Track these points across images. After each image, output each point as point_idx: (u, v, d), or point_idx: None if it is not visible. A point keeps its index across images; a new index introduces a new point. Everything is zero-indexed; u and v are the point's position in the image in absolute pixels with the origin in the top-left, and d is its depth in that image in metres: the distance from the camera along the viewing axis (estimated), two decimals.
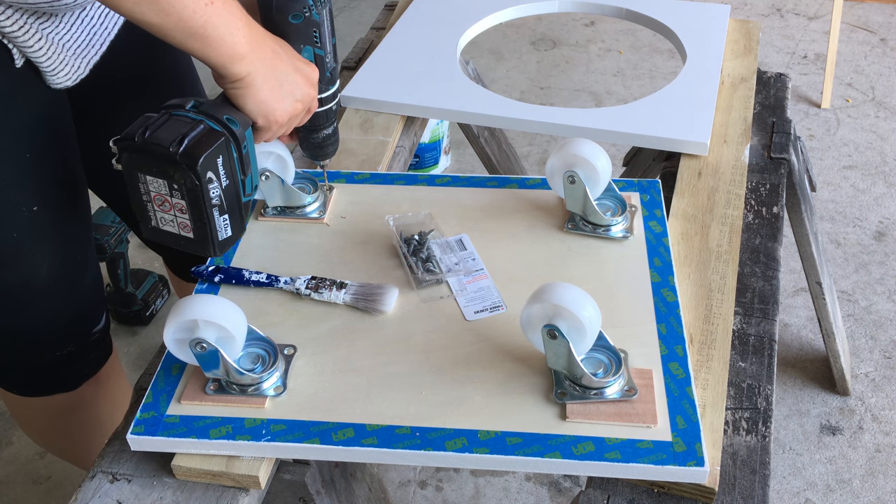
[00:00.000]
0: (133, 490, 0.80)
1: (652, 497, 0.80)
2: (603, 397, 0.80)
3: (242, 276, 0.95)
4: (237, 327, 0.79)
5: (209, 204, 0.82)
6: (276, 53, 0.85)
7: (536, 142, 2.52)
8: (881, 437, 1.68)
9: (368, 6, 3.24)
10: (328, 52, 0.93)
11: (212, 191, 0.81)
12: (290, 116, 0.88)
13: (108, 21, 1.00)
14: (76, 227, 1.05)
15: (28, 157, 0.94)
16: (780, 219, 1.10)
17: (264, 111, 0.85)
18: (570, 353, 0.78)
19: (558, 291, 0.78)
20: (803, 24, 3.05)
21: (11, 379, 1.15)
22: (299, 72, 0.88)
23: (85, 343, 1.13)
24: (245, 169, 0.85)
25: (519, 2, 1.50)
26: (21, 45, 0.88)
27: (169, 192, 0.81)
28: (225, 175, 0.82)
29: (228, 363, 0.79)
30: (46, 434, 1.28)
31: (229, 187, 0.83)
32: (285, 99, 0.86)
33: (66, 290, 1.06)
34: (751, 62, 1.36)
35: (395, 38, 1.41)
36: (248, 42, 0.81)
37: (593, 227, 1.00)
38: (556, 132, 1.21)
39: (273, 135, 0.90)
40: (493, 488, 1.62)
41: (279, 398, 0.82)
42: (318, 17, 0.90)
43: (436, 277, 0.94)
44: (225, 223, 0.85)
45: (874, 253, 2.09)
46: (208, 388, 0.83)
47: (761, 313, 0.96)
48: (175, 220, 0.84)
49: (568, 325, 0.78)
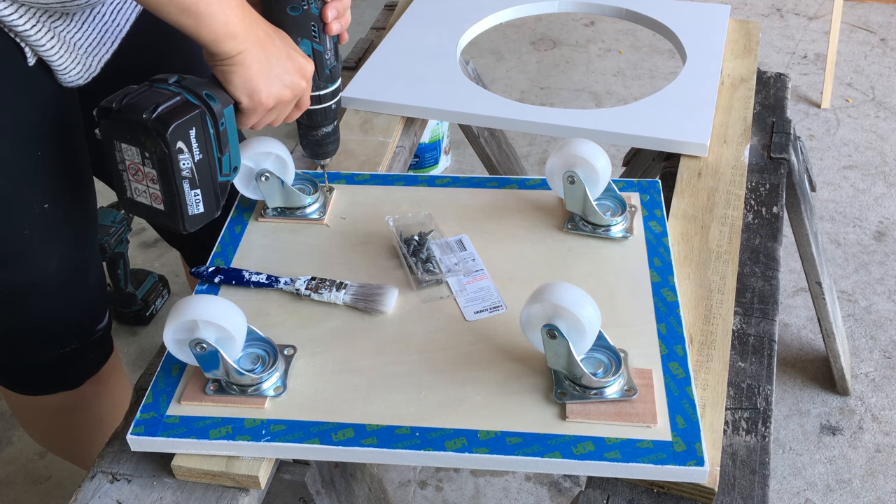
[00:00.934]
0: (133, 490, 0.80)
1: (652, 497, 0.80)
2: (603, 397, 0.80)
3: (242, 277, 0.95)
4: (237, 328, 0.79)
5: (179, 175, 0.82)
6: (269, 37, 0.86)
7: (536, 142, 2.52)
8: (881, 437, 1.68)
9: (368, 6, 3.24)
10: (328, 48, 0.93)
11: (182, 161, 0.81)
12: (277, 101, 0.88)
13: (120, 18, 1.00)
14: (84, 225, 1.05)
15: (40, 154, 0.94)
16: (780, 219, 1.10)
17: (249, 90, 0.85)
18: (570, 352, 0.78)
19: (558, 291, 0.79)
20: (803, 24, 3.06)
21: (14, 377, 1.15)
22: (292, 60, 0.88)
23: (88, 341, 1.13)
24: (222, 147, 0.85)
25: (519, 2, 1.50)
26: (34, 43, 0.88)
27: (142, 160, 0.82)
28: (198, 148, 0.82)
29: (228, 363, 0.79)
30: (48, 433, 1.28)
31: (202, 161, 0.83)
32: (273, 83, 0.86)
33: (73, 288, 1.06)
34: (751, 62, 1.36)
35: (395, 39, 1.41)
36: (240, 22, 0.82)
37: (593, 228, 1.00)
38: (556, 133, 1.21)
39: (259, 119, 0.90)
40: (493, 488, 1.62)
41: (279, 398, 0.82)
42: (318, 12, 0.90)
43: (435, 278, 0.94)
44: (196, 198, 0.85)
45: (874, 253, 2.09)
46: (208, 389, 0.83)
47: (761, 313, 0.96)
48: (147, 191, 0.84)
49: (567, 325, 0.78)
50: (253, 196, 1.04)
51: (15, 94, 0.90)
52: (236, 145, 0.89)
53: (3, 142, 0.91)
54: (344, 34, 0.96)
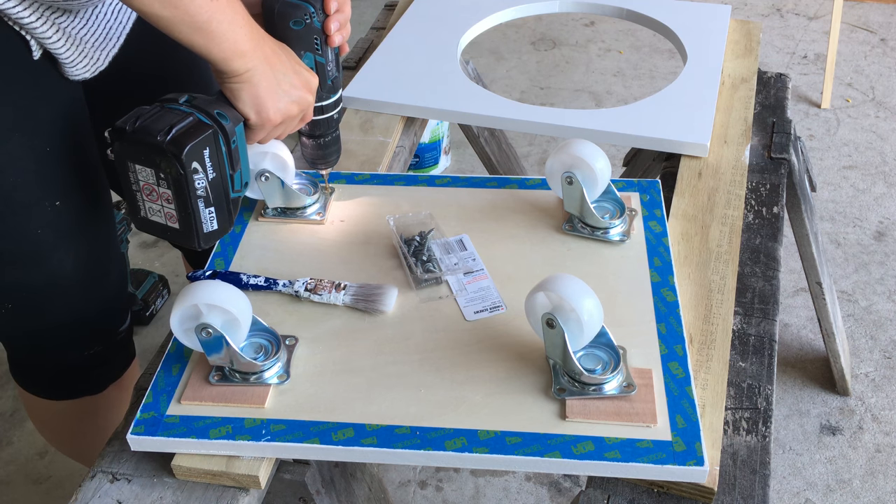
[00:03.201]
0: (133, 490, 0.80)
1: (652, 497, 0.80)
2: (602, 393, 0.80)
3: (240, 281, 0.95)
4: (242, 313, 0.80)
5: (194, 195, 0.83)
6: (275, 53, 0.87)
7: (536, 142, 2.52)
8: (881, 437, 1.68)
9: (368, 6, 3.24)
10: (329, 60, 0.94)
11: (197, 181, 0.82)
12: (284, 117, 0.89)
13: (122, 16, 1.00)
14: (99, 222, 1.04)
15: (48, 150, 0.94)
16: (781, 219, 1.10)
17: (257, 107, 0.86)
18: (566, 344, 0.79)
19: (562, 283, 0.79)
20: (803, 24, 3.06)
21: (38, 381, 1.14)
22: (298, 75, 0.89)
23: (111, 343, 1.12)
24: (234, 164, 0.86)
25: (520, 2, 1.50)
26: (39, 36, 0.88)
27: (156, 181, 0.83)
28: (212, 167, 0.83)
29: (233, 349, 0.80)
30: (65, 436, 1.26)
31: (216, 180, 0.85)
32: (281, 99, 0.87)
33: (93, 288, 1.05)
34: (751, 63, 1.36)
35: (396, 38, 1.41)
36: (249, 39, 0.82)
37: (591, 230, 1.00)
38: (556, 133, 1.21)
39: (266, 134, 0.90)
40: (493, 488, 1.62)
41: (281, 392, 0.82)
42: (320, 25, 0.90)
43: (435, 277, 0.94)
44: (211, 216, 0.86)
45: (874, 253, 2.09)
46: (212, 377, 0.83)
47: (761, 313, 0.96)
48: (162, 211, 0.85)
49: (566, 317, 0.79)
50: (253, 196, 1.04)
51: (23, 88, 0.90)
52: (246, 161, 0.90)
53: (12, 137, 0.90)
54: (345, 46, 0.96)
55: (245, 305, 0.81)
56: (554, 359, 0.82)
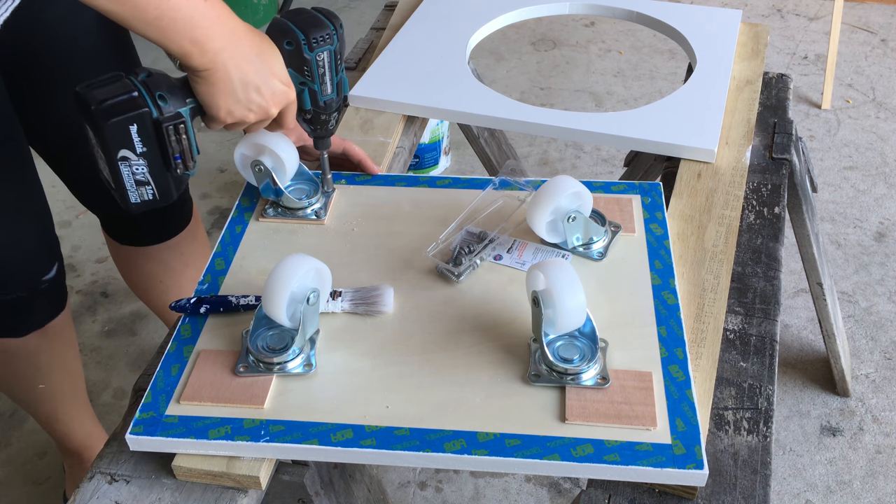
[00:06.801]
0: (131, 491, 0.80)
1: (653, 496, 0.80)
2: (579, 383, 0.81)
3: (230, 303, 0.92)
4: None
5: (119, 164, 0.86)
6: (247, 60, 0.86)
7: (536, 142, 2.51)
8: (881, 438, 1.68)
9: (368, 6, 3.24)
10: (323, 83, 0.94)
11: (122, 153, 0.85)
12: (237, 120, 0.89)
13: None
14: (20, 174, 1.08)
15: None
16: (782, 219, 1.10)
17: (208, 104, 0.87)
18: (541, 326, 0.82)
19: (553, 268, 0.82)
20: (803, 25, 3.05)
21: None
22: (267, 85, 0.88)
23: (34, 290, 1.17)
24: (171, 145, 0.87)
25: (529, 3, 1.49)
26: None
27: (96, 142, 0.86)
28: (141, 142, 0.85)
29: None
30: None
31: (147, 155, 0.86)
32: (236, 105, 0.87)
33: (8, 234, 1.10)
34: (757, 65, 1.35)
35: (404, 39, 1.41)
36: (210, 40, 0.82)
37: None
38: (558, 135, 1.20)
39: (221, 127, 0.91)
40: (492, 489, 1.62)
41: (278, 399, 0.82)
42: (310, 56, 0.91)
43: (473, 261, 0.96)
44: (140, 188, 0.89)
45: (875, 254, 2.09)
46: (238, 369, 0.85)
47: (762, 313, 0.96)
48: (106, 170, 0.88)
49: (548, 301, 0.81)
50: (255, 182, 1.04)
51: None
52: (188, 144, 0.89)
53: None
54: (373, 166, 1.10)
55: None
56: (536, 336, 0.84)
